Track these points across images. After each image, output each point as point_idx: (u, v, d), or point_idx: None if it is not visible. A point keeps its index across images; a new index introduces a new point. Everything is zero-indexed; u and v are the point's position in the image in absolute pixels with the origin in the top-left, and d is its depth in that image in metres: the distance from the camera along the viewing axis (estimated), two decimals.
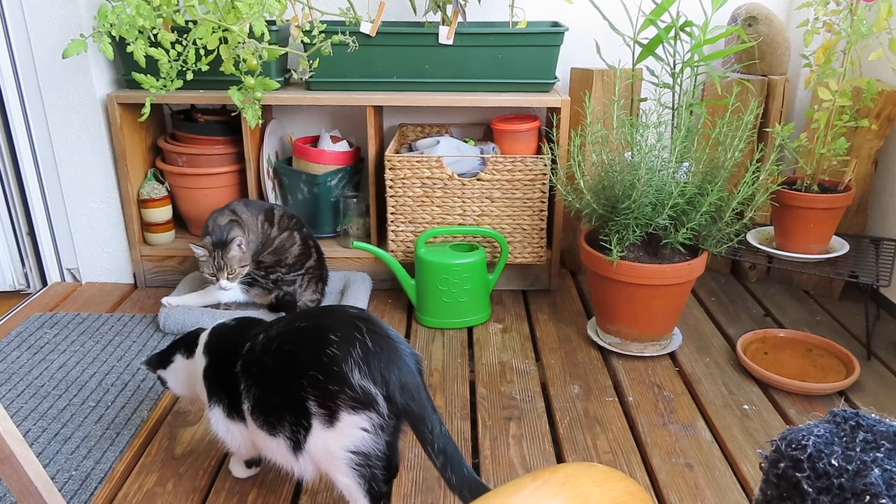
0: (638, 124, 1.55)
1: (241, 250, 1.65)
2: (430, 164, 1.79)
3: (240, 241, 1.64)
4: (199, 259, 1.67)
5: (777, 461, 0.59)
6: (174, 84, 1.59)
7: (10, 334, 1.75)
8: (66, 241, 2.02)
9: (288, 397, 1.03)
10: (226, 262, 1.64)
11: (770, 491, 0.59)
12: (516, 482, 0.38)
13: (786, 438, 0.59)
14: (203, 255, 1.65)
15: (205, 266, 1.66)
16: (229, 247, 1.64)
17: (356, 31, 1.75)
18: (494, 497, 0.35)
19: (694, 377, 1.58)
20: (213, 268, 1.65)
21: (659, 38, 1.65)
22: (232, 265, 1.65)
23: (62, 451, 1.34)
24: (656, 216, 1.51)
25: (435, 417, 1.02)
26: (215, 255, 1.64)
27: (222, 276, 1.65)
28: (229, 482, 1.26)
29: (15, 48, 1.83)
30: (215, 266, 1.64)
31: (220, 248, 1.64)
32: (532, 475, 0.38)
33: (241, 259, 1.66)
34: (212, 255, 1.64)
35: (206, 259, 1.65)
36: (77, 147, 1.90)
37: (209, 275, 1.67)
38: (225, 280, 1.65)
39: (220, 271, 1.64)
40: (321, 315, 1.11)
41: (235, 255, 1.65)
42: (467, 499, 1.01)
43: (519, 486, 0.36)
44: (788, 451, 0.58)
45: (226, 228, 1.66)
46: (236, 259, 1.65)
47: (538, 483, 0.36)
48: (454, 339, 1.75)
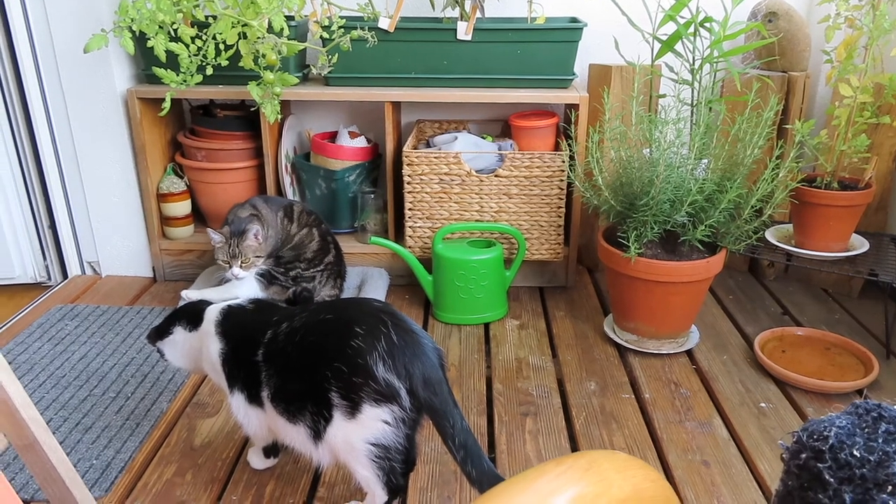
0: (657, 121, 1.54)
1: (256, 240, 1.66)
2: (447, 160, 1.80)
3: (256, 230, 1.65)
4: (214, 245, 1.68)
5: (799, 452, 0.59)
6: (194, 79, 1.60)
7: (31, 325, 1.77)
8: (87, 234, 2.04)
9: (311, 387, 1.04)
10: (241, 250, 1.64)
11: (791, 482, 0.59)
12: (541, 466, 0.38)
13: (808, 430, 0.60)
14: (219, 241, 1.66)
15: (219, 252, 1.67)
16: (246, 235, 1.64)
17: (374, 27, 1.76)
18: (521, 480, 0.35)
19: (711, 374, 1.57)
20: (228, 255, 1.65)
21: (678, 33, 1.65)
22: (247, 254, 1.65)
23: (83, 440, 1.36)
24: (675, 213, 1.50)
25: (456, 412, 1.03)
26: (231, 243, 1.64)
27: (235, 264, 1.65)
28: (247, 473, 1.27)
29: (37, 42, 1.85)
30: (230, 253, 1.65)
31: (236, 237, 1.65)
32: (556, 461, 0.39)
33: (256, 249, 1.66)
34: (228, 242, 1.65)
35: (222, 245, 1.65)
36: (97, 141, 1.93)
37: (222, 261, 1.67)
38: (238, 268, 1.65)
39: (233, 258, 1.65)
40: (346, 307, 1.11)
41: (251, 245, 1.65)
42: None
43: (543, 471, 0.37)
44: (810, 441, 0.58)
45: (245, 220, 1.67)
46: (251, 248, 1.65)
47: (562, 468, 0.37)
48: (471, 335, 1.75)
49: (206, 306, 1.24)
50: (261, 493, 1.22)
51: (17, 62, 1.86)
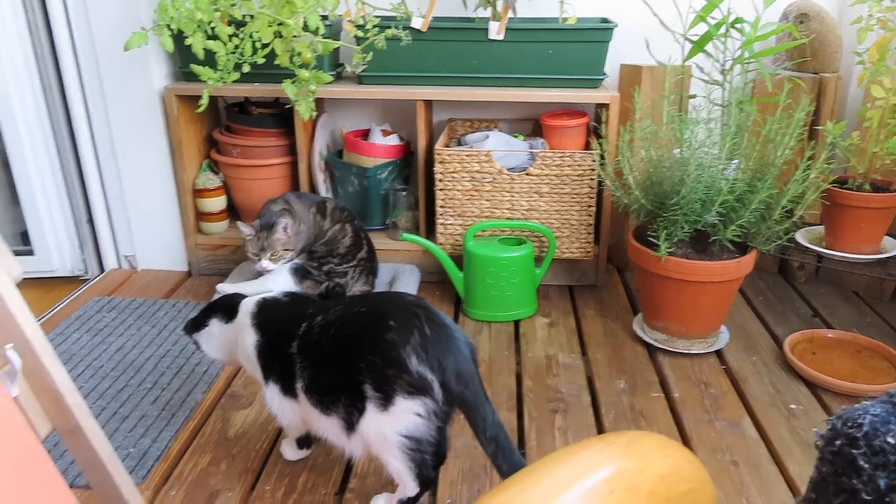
0: (687, 120, 1.54)
1: (285, 233, 1.67)
2: (479, 158, 1.81)
3: (285, 224, 1.66)
4: (244, 238, 1.70)
5: (833, 439, 0.60)
6: (231, 76, 1.63)
7: (70, 317, 1.82)
8: (124, 228, 2.09)
9: (344, 379, 1.06)
10: (269, 243, 1.66)
11: (825, 468, 0.59)
12: (584, 442, 0.40)
13: (842, 417, 0.60)
14: (249, 233, 1.68)
15: (249, 245, 1.68)
16: (274, 228, 1.66)
17: (407, 26, 1.78)
18: (565, 453, 0.37)
19: (740, 375, 1.57)
20: (257, 248, 1.67)
21: (709, 34, 1.64)
22: (275, 247, 1.66)
23: (121, 429, 1.39)
24: (705, 213, 1.50)
25: (488, 406, 1.04)
26: (260, 236, 1.67)
27: (265, 257, 1.67)
28: (280, 464, 1.29)
29: (77, 41, 1.90)
30: (259, 246, 1.67)
31: (266, 230, 1.67)
32: (598, 437, 0.40)
33: (286, 242, 1.68)
34: (257, 235, 1.67)
35: (251, 238, 1.67)
36: (135, 137, 1.97)
37: (252, 254, 1.69)
38: (266, 261, 1.67)
39: (262, 252, 1.67)
40: (380, 301, 1.13)
41: (280, 238, 1.67)
42: None
43: (587, 445, 0.38)
44: (844, 428, 0.59)
45: (275, 213, 1.69)
46: (280, 241, 1.67)
47: (604, 444, 0.38)
48: (501, 332, 1.77)
49: (241, 299, 1.26)
50: (293, 483, 1.25)
51: (58, 60, 1.91)
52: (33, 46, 1.89)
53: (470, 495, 1.22)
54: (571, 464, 0.35)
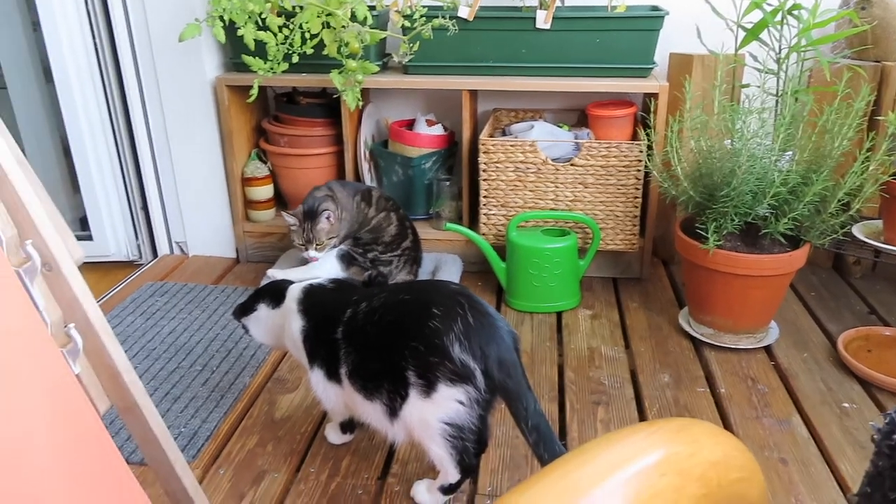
0: (739, 110, 1.51)
1: (329, 223, 1.70)
2: (524, 148, 1.80)
3: (329, 213, 1.69)
4: (289, 228, 1.74)
5: (891, 433, 0.58)
6: (280, 67, 1.66)
7: (125, 301, 1.88)
8: (176, 216, 2.15)
9: (388, 366, 1.07)
10: (314, 233, 1.69)
11: (882, 462, 0.58)
12: (632, 427, 0.40)
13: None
14: (294, 224, 1.72)
15: (295, 235, 1.73)
16: (318, 218, 1.69)
17: (454, 16, 1.78)
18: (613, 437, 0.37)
19: (790, 372, 1.53)
20: (303, 238, 1.71)
21: (764, 21, 1.60)
22: (320, 237, 1.70)
23: (172, 409, 1.44)
24: (756, 205, 1.47)
25: (530, 395, 1.04)
26: (305, 227, 1.70)
27: (311, 247, 1.71)
28: (325, 447, 1.32)
29: (134, 33, 1.95)
30: (304, 237, 1.70)
31: (309, 220, 1.70)
32: (647, 422, 0.40)
33: (329, 231, 1.71)
34: (301, 226, 1.70)
35: (297, 229, 1.71)
36: (187, 127, 2.02)
37: (298, 244, 1.73)
38: (313, 250, 1.71)
39: (308, 242, 1.71)
40: (424, 289, 1.14)
41: (324, 227, 1.70)
42: None
43: (636, 430, 0.38)
44: None
45: (318, 201, 1.72)
46: (324, 231, 1.70)
47: (654, 428, 0.38)
48: (543, 323, 1.76)
49: (288, 285, 1.28)
50: (337, 466, 1.27)
51: (117, 52, 1.97)
52: (93, 38, 1.95)
53: (510, 485, 1.22)
54: (621, 447, 0.35)
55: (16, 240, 0.73)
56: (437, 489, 1.15)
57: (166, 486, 0.94)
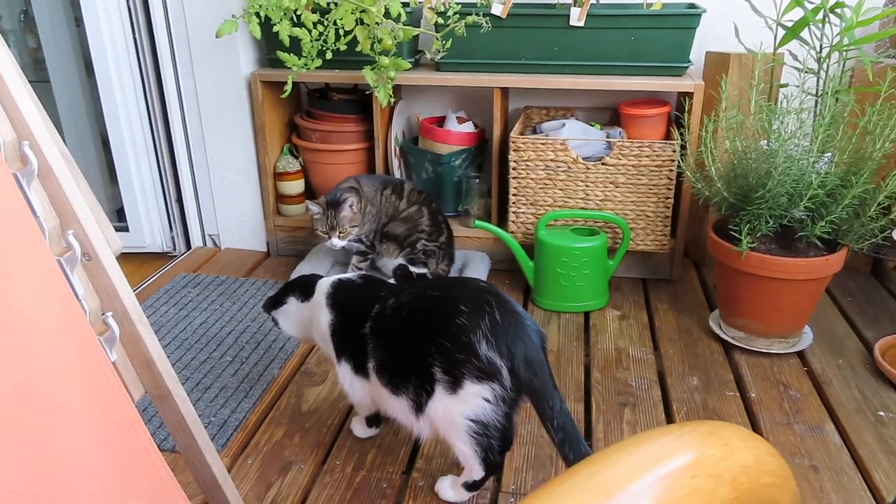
0: (777, 110, 1.48)
1: (351, 210, 1.73)
2: (554, 146, 1.79)
3: (351, 202, 1.72)
4: (313, 217, 1.77)
5: None
6: (314, 63, 1.68)
7: (158, 291, 1.91)
8: (209, 209, 2.18)
9: (414, 362, 1.07)
10: (338, 221, 1.73)
11: None
12: (663, 428, 0.39)
13: None
14: (317, 212, 1.75)
15: (318, 224, 1.76)
16: (341, 206, 1.72)
17: (487, 13, 1.77)
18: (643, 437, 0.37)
19: (824, 378, 1.50)
20: (326, 226, 1.74)
21: (805, 19, 1.57)
22: (343, 224, 1.73)
23: (203, 398, 1.46)
24: (792, 207, 1.44)
25: (556, 394, 1.04)
26: (328, 214, 1.73)
27: (334, 235, 1.74)
28: (350, 441, 1.33)
29: (173, 28, 1.98)
30: (328, 224, 1.74)
31: (332, 208, 1.73)
32: (678, 424, 0.40)
33: (352, 219, 1.74)
34: (325, 214, 1.74)
35: (320, 217, 1.75)
36: (222, 121, 2.05)
37: (321, 232, 1.76)
38: (336, 238, 1.75)
39: (331, 230, 1.74)
40: (452, 286, 1.15)
41: (346, 216, 1.73)
42: None
43: (667, 431, 0.38)
44: None
45: (341, 191, 1.75)
46: (346, 219, 1.73)
47: (685, 430, 0.38)
48: (570, 322, 1.75)
49: (317, 279, 1.30)
50: (362, 460, 1.28)
51: (155, 47, 2.00)
52: (133, 34, 1.99)
53: (535, 483, 1.22)
54: (651, 447, 0.35)
55: (58, 230, 0.75)
56: (462, 485, 1.16)
57: (197, 473, 0.96)
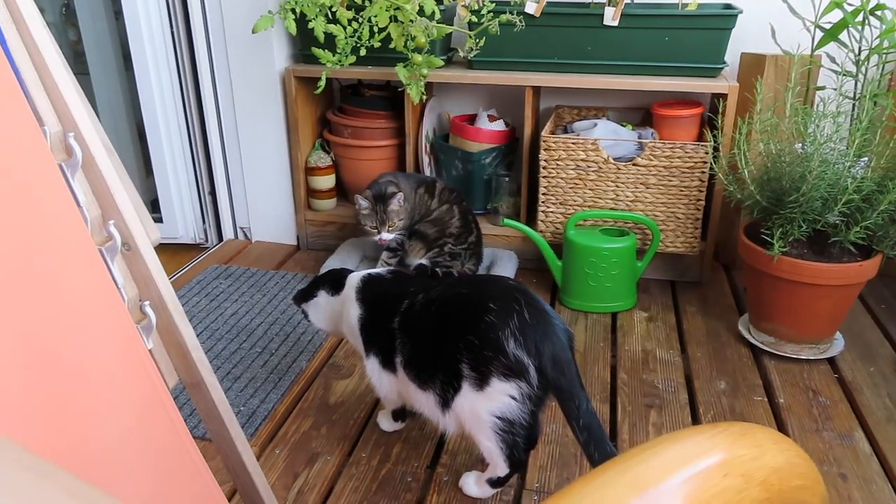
0: (813, 113, 1.46)
1: (399, 204, 1.76)
2: (585, 146, 1.79)
3: (400, 196, 1.75)
4: (360, 212, 1.79)
5: None
6: (348, 59, 1.69)
7: (191, 282, 1.95)
8: (241, 202, 2.21)
9: (442, 357, 1.08)
10: (387, 215, 1.76)
11: None
12: (695, 427, 0.40)
13: None
14: (366, 207, 1.77)
15: (367, 219, 1.78)
16: (390, 201, 1.75)
17: (521, 12, 1.77)
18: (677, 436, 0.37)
19: (855, 385, 1.48)
20: (375, 220, 1.77)
21: (844, 21, 1.55)
22: (392, 218, 1.76)
23: (232, 388, 1.49)
24: (826, 212, 1.42)
25: (583, 394, 1.04)
26: (377, 209, 1.76)
27: (384, 230, 1.77)
28: (376, 434, 1.34)
29: (210, 23, 2.01)
30: (378, 220, 1.77)
31: (381, 202, 1.75)
32: (710, 424, 0.40)
33: (399, 213, 1.77)
34: (374, 209, 1.76)
35: (368, 212, 1.77)
36: (255, 116, 2.08)
37: (370, 227, 1.78)
38: (385, 232, 1.77)
39: (381, 224, 1.77)
40: (481, 283, 1.16)
41: (395, 209, 1.76)
42: None
43: (699, 430, 0.38)
44: None
45: (386, 185, 1.77)
46: (395, 213, 1.76)
47: (717, 430, 0.38)
48: (597, 322, 1.75)
49: (347, 273, 1.32)
50: (388, 453, 1.29)
51: (193, 42, 2.04)
52: (171, 28, 2.03)
53: (559, 482, 1.22)
54: (683, 446, 0.35)
55: (100, 220, 0.77)
56: (486, 482, 1.16)
57: (227, 460, 0.98)
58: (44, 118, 0.72)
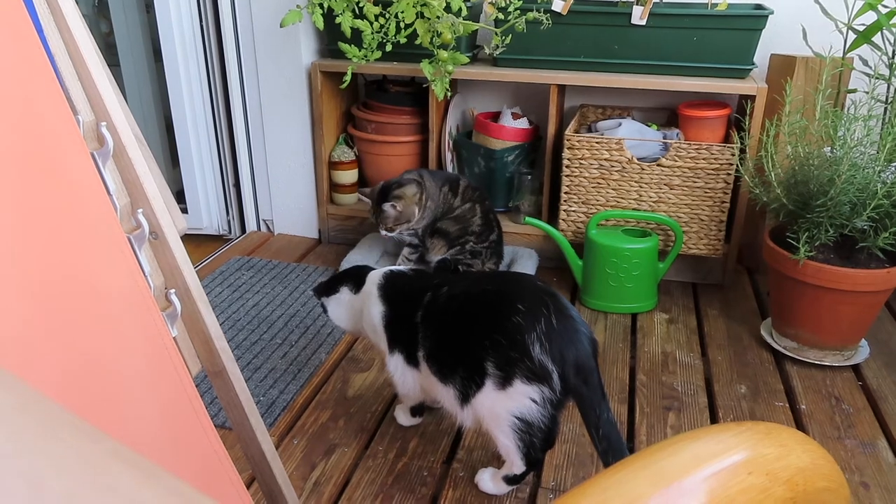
0: (843, 116, 1.44)
1: (395, 210, 1.76)
2: (609, 145, 1.78)
3: (392, 203, 1.75)
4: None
5: None
6: (374, 55, 1.70)
7: (214, 272, 1.97)
8: (265, 194, 2.23)
9: (467, 353, 1.08)
10: (381, 218, 1.78)
11: None
12: (720, 425, 0.40)
13: None
14: (367, 201, 1.82)
15: (371, 214, 1.83)
16: (383, 207, 1.76)
17: (548, 9, 1.77)
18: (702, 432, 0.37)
19: (879, 394, 1.46)
20: (373, 218, 1.81)
21: (878, 24, 1.52)
22: (386, 222, 1.77)
23: (252, 378, 1.50)
24: (855, 217, 1.40)
25: (604, 403, 1.04)
26: (375, 209, 1.78)
27: (381, 228, 1.80)
28: (393, 428, 1.35)
29: (238, 17, 2.03)
30: (374, 217, 1.81)
31: (377, 204, 1.77)
32: (735, 422, 0.40)
33: (396, 218, 1.77)
34: (373, 207, 1.79)
35: (370, 209, 1.81)
36: (281, 110, 2.09)
37: (372, 221, 1.83)
38: (384, 231, 1.79)
39: (378, 224, 1.80)
40: (509, 281, 1.15)
41: (390, 215, 1.76)
42: None
43: (724, 428, 0.38)
44: None
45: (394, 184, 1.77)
46: (390, 218, 1.76)
47: (742, 429, 0.38)
48: (617, 323, 1.74)
49: (368, 271, 1.32)
50: (404, 447, 1.30)
51: (221, 36, 2.06)
52: (200, 21, 2.05)
53: (574, 481, 1.22)
54: (708, 442, 0.35)
55: (128, 208, 0.79)
56: (502, 478, 1.16)
57: (246, 449, 0.99)
58: (77, 107, 0.73)
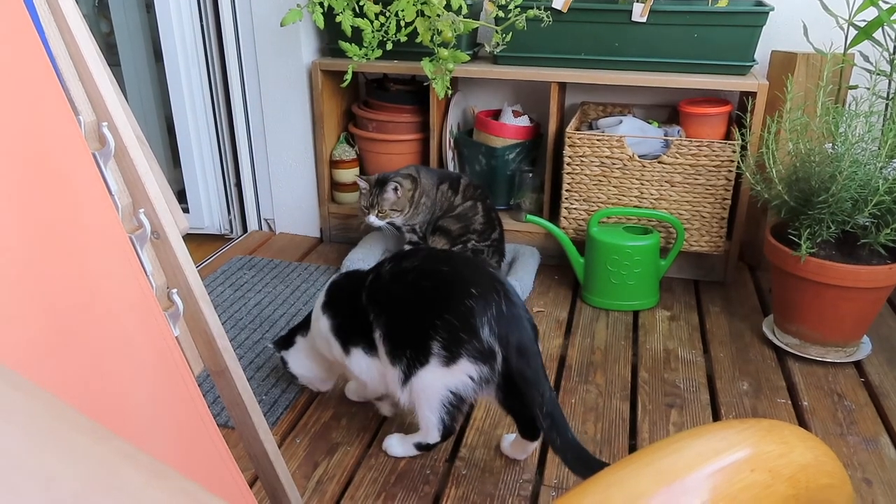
0: (844, 112, 1.44)
1: (395, 195, 1.76)
2: (610, 143, 1.78)
3: (395, 185, 1.75)
4: (361, 191, 1.82)
5: None
6: (375, 53, 1.70)
7: (216, 272, 1.97)
8: (266, 193, 2.23)
9: (415, 330, 1.12)
10: (379, 200, 1.77)
11: None
12: (722, 422, 0.40)
13: None
14: (364, 187, 1.80)
15: (362, 198, 1.81)
16: (386, 188, 1.76)
17: (548, 7, 1.76)
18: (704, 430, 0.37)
19: (881, 390, 1.46)
20: (368, 202, 1.79)
21: (879, 20, 1.52)
22: (383, 206, 1.77)
23: (255, 377, 1.50)
24: (856, 213, 1.40)
25: (546, 383, 1.10)
26: (373, 192, 1.77)
27: (372, 213, 1.78)
28: (396, 428, 1.35)
29: (238, 16, 2.03)
30: (370, 201, 1.78)
31: (378, 186, 1.76)
32: (738, 419, 0.40)
33: (394, 203, 1.77)
34: (371, 190, 1.78)
35: (365, 192, 1.80)
36: (282, 109, 2.09)
37: (363, 207, 1.81)
38: (373, 216, 1.78)
39: (371, 207, 1.78)
40: (464, 265, 1.20)
41: (389, 198, 1.76)
42: (570, 462, 1.07)
43: (726, 425, 0.38)
44: None
45: (394, 174, 1.78)
46: (388, 201, 1.77)
47: (745, 426, 0.38)
48: (619, 320, 1.74)
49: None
50: None
51: (222, 35, 2.06)
52: (201, 20, 2.05)
53: (576, 479, 1.22)
54: (711, 439, 0.35)
55: (130, 208, 0.79)
56: (413, 444, 1.23)
57: (249, 448, 0.99)
58: (78, 107, 0.74)
